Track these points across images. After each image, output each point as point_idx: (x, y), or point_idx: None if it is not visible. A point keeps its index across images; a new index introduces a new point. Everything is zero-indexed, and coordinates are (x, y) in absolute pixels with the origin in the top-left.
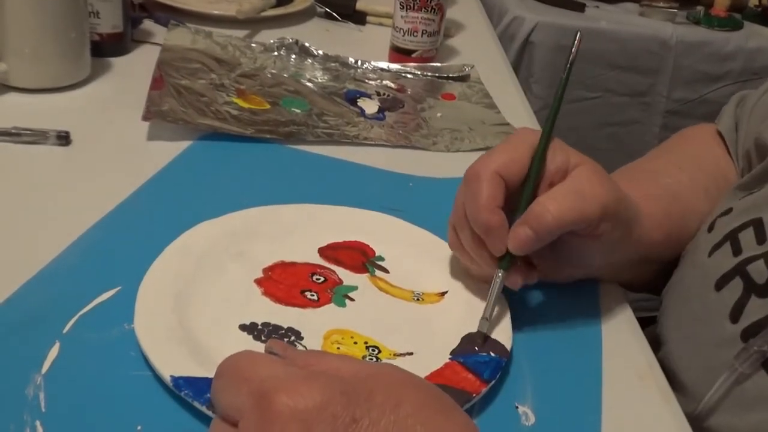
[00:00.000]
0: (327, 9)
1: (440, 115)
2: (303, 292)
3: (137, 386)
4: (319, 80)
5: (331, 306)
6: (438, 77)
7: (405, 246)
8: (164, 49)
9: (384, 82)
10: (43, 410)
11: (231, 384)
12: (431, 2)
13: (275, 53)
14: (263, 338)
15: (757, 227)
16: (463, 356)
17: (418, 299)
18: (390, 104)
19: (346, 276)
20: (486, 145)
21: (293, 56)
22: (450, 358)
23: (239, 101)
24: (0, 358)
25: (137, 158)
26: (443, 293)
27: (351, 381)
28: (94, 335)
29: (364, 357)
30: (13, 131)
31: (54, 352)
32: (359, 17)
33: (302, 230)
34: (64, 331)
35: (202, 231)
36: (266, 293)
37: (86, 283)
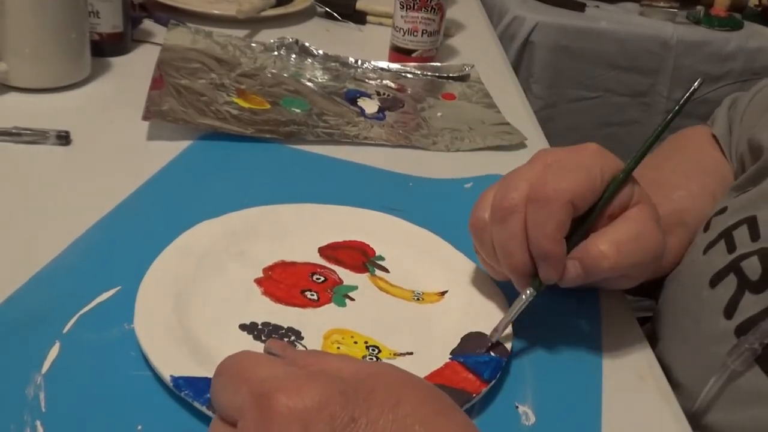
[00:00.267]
0: (327, 9)
1: (440, 115)
2: (303, 292)
3: (137, 386)
4: (319, 80)
5: (331, 306)
6: (438, 77)
7: (405, 246)
8: (164, 49)
9: (384, 82)
10: (43, 410)
11: (231, 384)
12: (431, 2)
13: (275, 53)
14: (263, 338)
15: (751, 225)
16: (463, 356)
17: (418, 299)
18: (390, 104)
19: (346, 276)
20: (486, 145)
21: (293, 56)
22: (450, 358)
23: (239, 101)
24: (0, 358)
25: (137, 158)
26: (443, 293)
27: (350, 381)
28: (94, 335)
29: (364, 357)
30: (14, 131)
31: (54, 352)
32: (359, 17)
33: (302, 230)
34: (64, 331)
35: (202, 231)
36: (266, 293)
37: (86, 283)
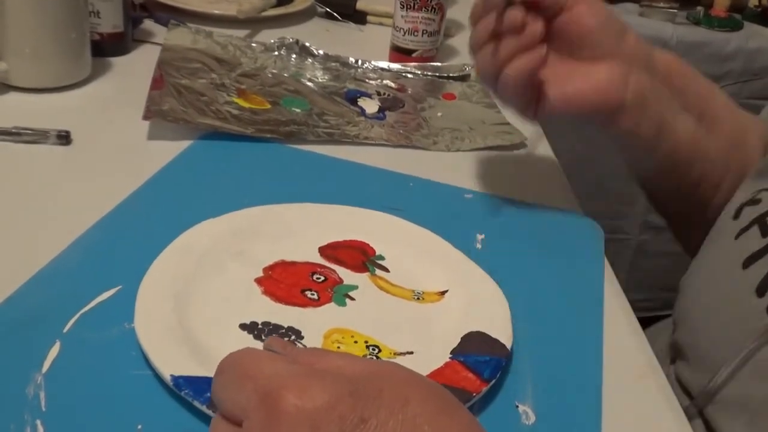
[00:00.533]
0: (327, 9)
1: (440, 115)
2: (303, 292)
3: (137, 386)
4: (320, 80)
5: (332, 305)
6: (438, 77)
7: (405, 245)
8: (164, 49)
9: (384, 82)
10: (44, 409)
11: (234, 381)
12: (431, 2)
13: (276, 53)
14: (263, 337)
15: None
16: (464, 355)
17: (419, 298)
18: (390, 104)
19: (347, 275)
20: (486, 145)
21: (294, 56)
22: (450, 358)
23: (240, 101)
24: (0, 358)
25: (137, 158)
26: (443, 292)
27: (357, 380)
28: (95, 335)
29: (365, 356)
30: (14, 131)
31: (54, 352)
32: (359, 17)
33: (302, 229)
34: (65, 331)
35: (203, 230)
36: (266, 292)
37: (86, 283)
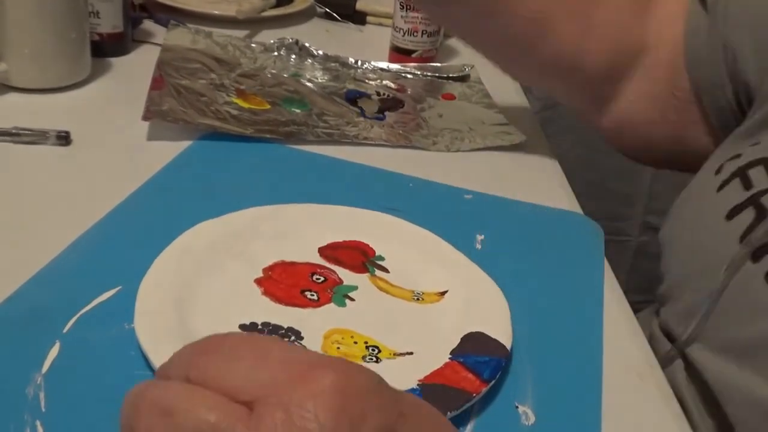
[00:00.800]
0: (327, 9)
1: (440, 115)
2: (303, 292)
3: None
4: (319, 80)
5: (331, 306)
6: (438, 77)
7: (405, 246)
8: (164, 49)
9: (384, 82)
10: (43, 410)
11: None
12: None
13: (275, 53)
14: None
15: (767, 165)
16: (463, 356)
17: (418, 299)
18: (390, 104)
19: (346, 276)
20: (486, 145)
21: (293, 56)
22: (450, 358)
23: (239, 101)
24: (0, 358)
25: (137, 158)
26: (443, 293)
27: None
28: (95, 335)
29: (365, 357)
30: (14, 131)
31: (54, 352)
32: (359, 17)
33: (302, 230)
34: (65, 331)
35: (202, 231)
36: (266, 293)
37: (86, 283)
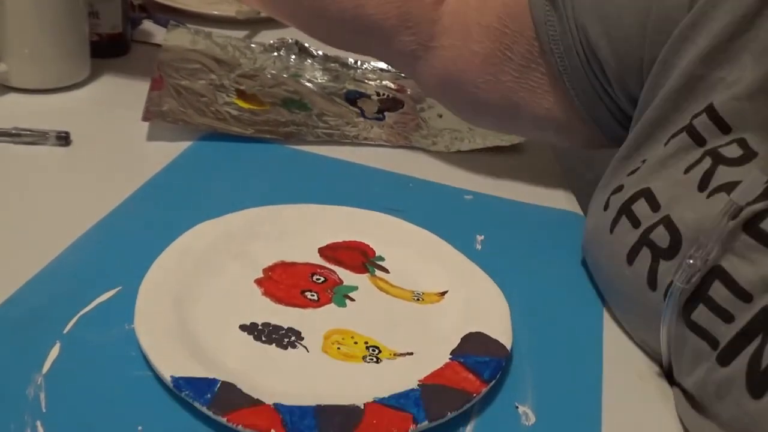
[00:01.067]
0: None
1: (440, 116)
2: (303, 292)
3: (138, 386)
4: (319, 80)
5: (332, 306)
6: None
7: (405, 246)
8: (164, 50)
9: (384, 83)
10: (44, 410)
11: None
12: None
13: (275, 54)
14: (263, 338)
15: (648, 197)
16: (463, 356)
17: (419, 299)
18: (390, 104)
19: (347, 276)
20: (486, 145)
21: (293, 57)
22: (450, 358)
23: (239, 101)
24: (0, 358)
25: (137, 158)
26: (443, 293)
27: None
28: (95, 335)
29: (365, 357)
30: (13, 132)
31: (54, 352)
32: None
33: (302, 230)
34: (65, 331)
35: (203, 231)
36: (266, 293)
37: (86, 283)
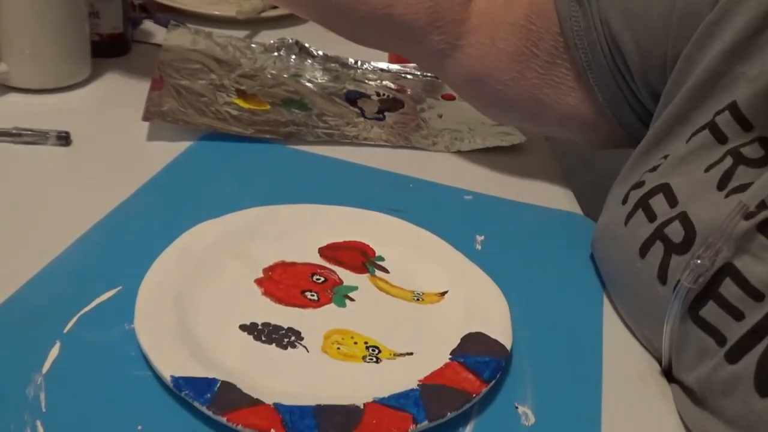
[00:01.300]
0: None
1: (440, 116)
2: (303, 292)
3: (138, 386)
4: (319, 81)
5: (332, 306)
6: (438, 78)
7: (405, 246)
8: (164, 50)
9: (384, 83)
10: (44, 410)
11: None
12: None
13: (275, 54)
14: (263, 338)
15: (667, 192)
16: (463, 356)
17: (419, 299)
18: (390, 105)
19: (347, 276)
20: (485, 145)
21: (293, 57)
22: (450, 358)
23: (239, 102)
24: (0, 358)
25: (137, 158)
26: (443, 293)
27: None
28: (95, 335)
29: (365, 357)
30: (14, 132)
31: (54, 352)
32: None
33: (302, 230)
34: (65, 331)
35: (203, 231)
36: (266, 293)
37: (86, 283)
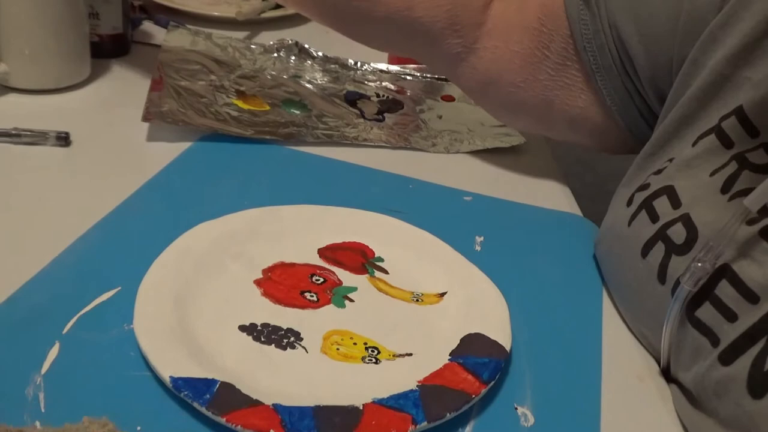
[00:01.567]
0: None
1: (440, 117)
2: (302, 293)
3: (137, 387)
4: (319, 82)
5: (331, 307)
6: (437, 79)
7: (404, 247)
8: (164, 51)
9: (383, 84)
10: (43, 411)
11: None
12: None
13: (275, 55)
14: (263, 339)
15: (671, 194)
16: (463, 357)
17: (418, 300)
18: (389, 106)
19: (346, 277)
20: (485, 147)
21: (293, 58)
22: (449, 359)
23: (239, 102)
24: (0, 359)
25: (137, 159)
26: (443, 294)
27: None
28: (94, 336)
29: (364, 358)
30: (13, 132)
31: (54, 353)
32: None
33: (302, 231)
34: (64, 332)
35: (202, 231)
36: (266, 294)
37: (86, 284)
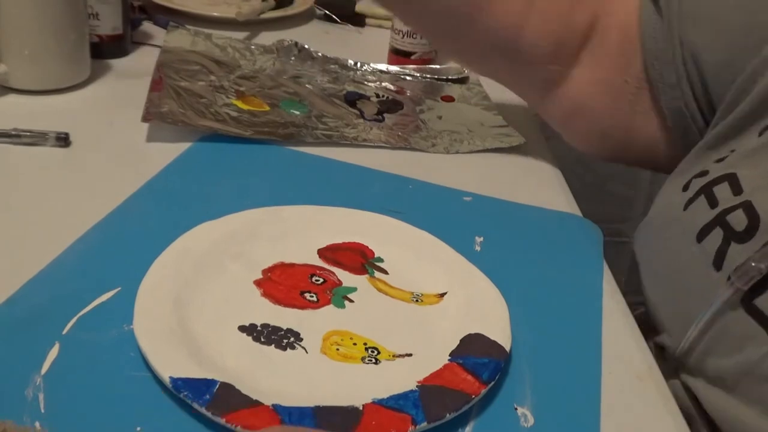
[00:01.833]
0: (326, 11)
1: (439, 117)
2: (302, 294)
3: (137, 387)
4: (319, 82)
5: (331, 307)
6: (437, 79)
7: (404, 247)
8: (164, 51)
9: (383, 84)
10: (43, 411)
11: None
12: None
13: (275, 55)
14: (262, 339)
15: (732, 181)
16: (463, 357)
17: (418, 300)
18: (389, 106)
19: (346, 277)
20: (485, 147)
21: (293, 58)
22: (449, 359)
23: (239, 103)
24: (0, 359)
25: (137, 159)
26: (442, 294)
27: None
28: (94, 336)
29: (363, 358)
30: (13, 133)
31: (54, 353)
32: (358, 19)
33: (301, 231)
34: (64, 332)
35: (202, 232)
36: (265, 294)
37: (86, 284)
